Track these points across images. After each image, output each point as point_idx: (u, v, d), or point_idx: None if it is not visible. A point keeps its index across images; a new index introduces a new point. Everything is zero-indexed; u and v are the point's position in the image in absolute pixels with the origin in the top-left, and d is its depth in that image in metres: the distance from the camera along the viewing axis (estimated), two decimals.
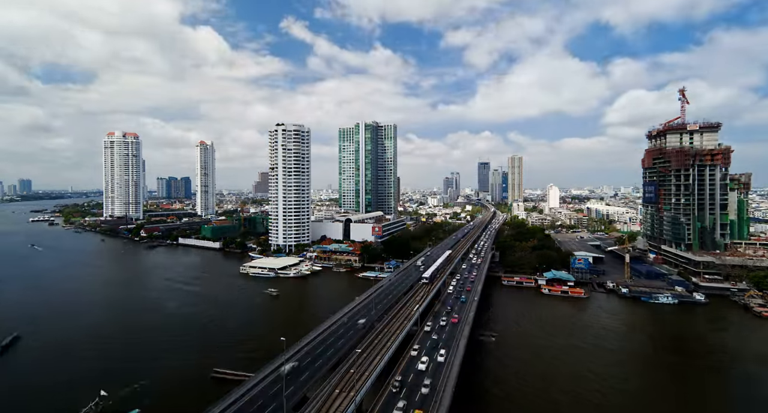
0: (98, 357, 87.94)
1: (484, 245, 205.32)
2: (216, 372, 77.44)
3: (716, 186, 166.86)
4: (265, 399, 54.99)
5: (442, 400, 55.05)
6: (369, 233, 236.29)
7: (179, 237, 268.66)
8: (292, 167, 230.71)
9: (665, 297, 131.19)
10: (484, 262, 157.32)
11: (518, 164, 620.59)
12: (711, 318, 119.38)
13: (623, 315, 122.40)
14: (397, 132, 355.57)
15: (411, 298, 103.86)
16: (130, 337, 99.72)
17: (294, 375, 61.10)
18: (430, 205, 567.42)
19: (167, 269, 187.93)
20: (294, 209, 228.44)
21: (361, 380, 59.12)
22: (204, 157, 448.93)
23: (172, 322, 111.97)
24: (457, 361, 67.47)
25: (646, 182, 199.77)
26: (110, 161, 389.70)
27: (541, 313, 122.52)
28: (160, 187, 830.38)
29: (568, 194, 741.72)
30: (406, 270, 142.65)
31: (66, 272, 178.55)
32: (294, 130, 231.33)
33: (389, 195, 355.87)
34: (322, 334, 78.91)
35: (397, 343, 73.45)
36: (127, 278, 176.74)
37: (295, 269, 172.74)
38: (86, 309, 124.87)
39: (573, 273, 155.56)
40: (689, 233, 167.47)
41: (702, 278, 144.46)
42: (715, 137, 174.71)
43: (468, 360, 73.87)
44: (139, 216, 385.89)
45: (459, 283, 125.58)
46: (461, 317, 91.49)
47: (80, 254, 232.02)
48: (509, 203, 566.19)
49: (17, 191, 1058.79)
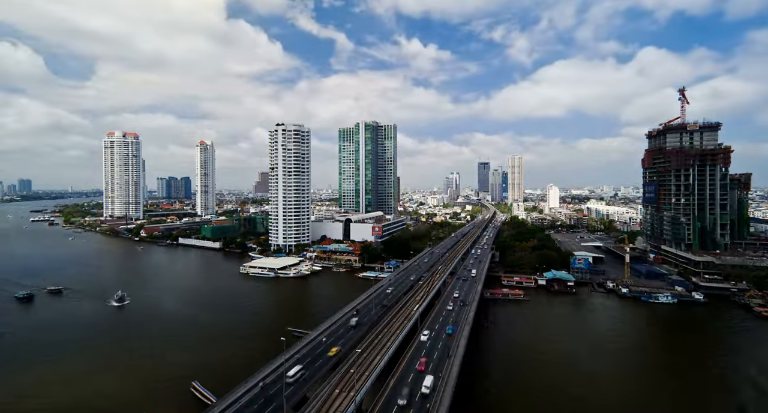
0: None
1: (484, 245, 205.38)
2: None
3: (716, 186, 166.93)
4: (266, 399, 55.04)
5: (442, 400, 55.08)
6: (369, 233, 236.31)
7: (179, 237, 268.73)
8: (292, 167, 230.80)
9: (664, 297, 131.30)
10: (484, 262, 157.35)
11: (518, 164, 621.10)
12: (710, 317, 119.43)
13: (622, 315, 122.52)
14: (397, 132, 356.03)
15: (411, 298, 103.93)
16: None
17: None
18: (430, 205, 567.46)
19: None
20: (294, 209, 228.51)
21: (361, 380, 59.13)
22: (204, 157, 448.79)
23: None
24: (457, 361, 67.46)
25: (646, 182, 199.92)
26: (110, 161, 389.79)
27: (541, 313, 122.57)
28: (160, 187, 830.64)
29: (568, 194, 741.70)
30: (406, 270, 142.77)
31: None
32: (294, 130, 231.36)
33: (389, 195, 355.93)
34: (323, 334, 79.00)
35: (397, 343, 73.49)
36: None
37: (295, 269, 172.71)
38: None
39: (573, 273, 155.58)
40: (689, 233, 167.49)
41: (702, 278, 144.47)
42: (716, 137, 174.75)
43: (468, 359, 73.85)
44: (139, 216, 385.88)
45: (459, 283, 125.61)
46: (461, 317, 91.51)
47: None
48: (509, 203, 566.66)
49: (17, 191, 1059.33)
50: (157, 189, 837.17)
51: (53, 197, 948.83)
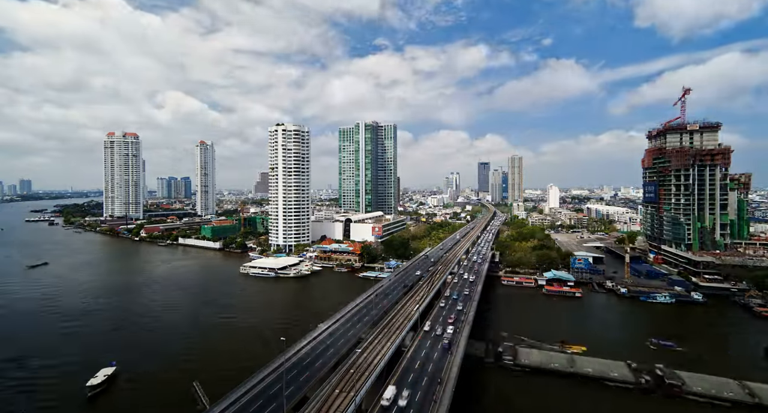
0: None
1: (484, 245, 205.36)
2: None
3: (716, 186, 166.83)
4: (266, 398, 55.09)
5: (442, 399, 55.12)
6: (369, 233, 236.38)
7: (179, 237, 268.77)
8: (292, 167, 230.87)
9: (663, 297, 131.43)
10: (484, 262, 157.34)
11: (518, 164, 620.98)
12: (709, 317, 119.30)
13: (621, 315, 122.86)
14: (397, 132, 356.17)
15: (411, 298, 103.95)
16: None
17: (294, 376, 61.18)
18: (430, 205, 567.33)
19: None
20: (294, 209, 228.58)
21: (361, 380, 59.17)
22: (204, 157, 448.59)
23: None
24: (457, 361, 67.48)
25: (646, 182, 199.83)
26: (110, 161, 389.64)
27: (540, 313, 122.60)
28: (160, 187, 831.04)
29: (568, 194, 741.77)
30: (406, 271, 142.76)
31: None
32: (294, 130, 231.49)
33: (389, 195, 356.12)
34: (322, 334, 79.02)
35: (398, 343, 73.56)
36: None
37: (295, 269, 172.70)
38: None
39: (573, 273, 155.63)
40: (689, 233, 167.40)
41: (702, 278, 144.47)
42: (716, 137, 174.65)
43: (467, 360, 73.86)
44: (139, 216, 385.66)
45: (459, 283, 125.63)
46: (461, 317, 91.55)
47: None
48: (509, 203, 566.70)
49: (17, 191, 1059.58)
50: (158, 189, 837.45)
51: (53, 197, 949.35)
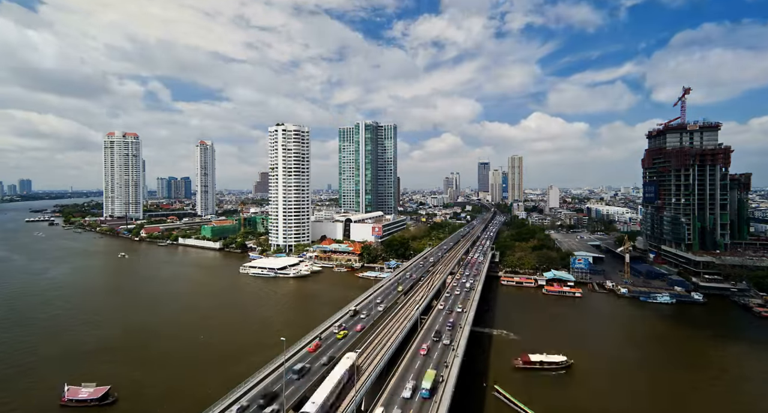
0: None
1: (484, 245, 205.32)
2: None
3: (716, 186, 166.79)
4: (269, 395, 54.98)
5: (442, 400, 55.07)
6: (369, 233, 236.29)
7: (179, 237, 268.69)
8: (292, 167, 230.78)
9: (663, 297, 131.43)
10: (484, 262, 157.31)
11: (518, 164, 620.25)
12: (708, 317, 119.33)
13: (620, 315, 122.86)
14: (396, 132, 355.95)
15: (411, 298, 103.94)
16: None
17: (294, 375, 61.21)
18: (430, 205, 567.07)
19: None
20: (294, 209, 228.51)
21: (360, 379, 59.15)
22: (204, 157, 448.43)
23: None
24: (457, 361, 67.42)
25: (646, 182, 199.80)
26: (110, 161, 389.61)
27: (540, 313, 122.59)
28: (161, 187, 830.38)
29: (568, 194, 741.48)
30: (405, 271, 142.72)
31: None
32: (294, 130, 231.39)
33: (389, 195, 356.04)
34: (322, 334, 79.01)
35: (398, 343, 73.52)
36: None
37: (295, 270, 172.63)
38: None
39: (573, 273, 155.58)
40: (689, 233, 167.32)
41: (702, 278, 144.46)
42: (715, 137, 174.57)
43: (467, 359, 73.87)
44: (139, 216, 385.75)
45: (459, 283, 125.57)
46: (461, 317, 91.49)
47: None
48: (509, 203, 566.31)
49: (17, 191, 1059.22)
50: (158, 189, 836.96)
51: (53, 197, 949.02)
